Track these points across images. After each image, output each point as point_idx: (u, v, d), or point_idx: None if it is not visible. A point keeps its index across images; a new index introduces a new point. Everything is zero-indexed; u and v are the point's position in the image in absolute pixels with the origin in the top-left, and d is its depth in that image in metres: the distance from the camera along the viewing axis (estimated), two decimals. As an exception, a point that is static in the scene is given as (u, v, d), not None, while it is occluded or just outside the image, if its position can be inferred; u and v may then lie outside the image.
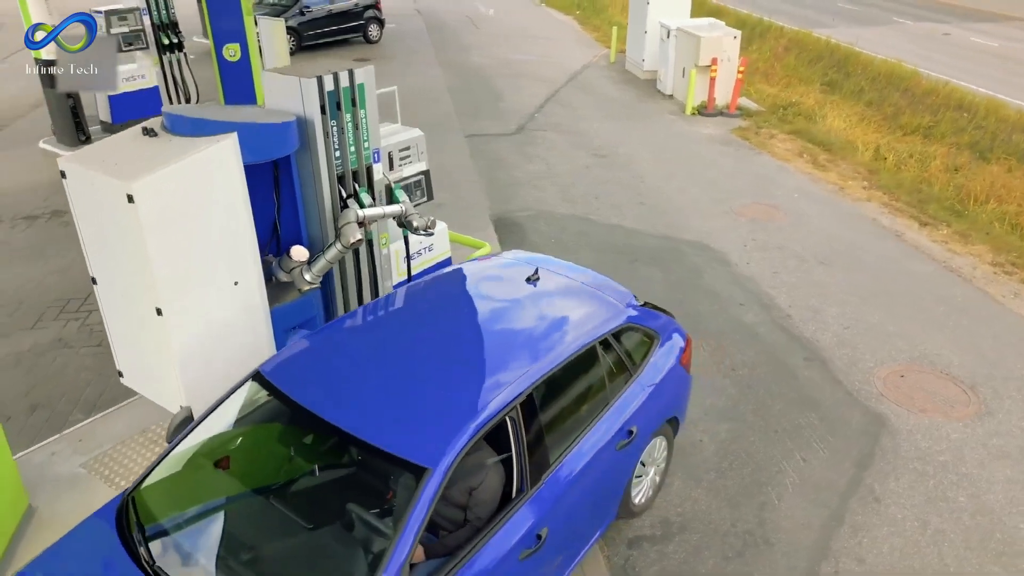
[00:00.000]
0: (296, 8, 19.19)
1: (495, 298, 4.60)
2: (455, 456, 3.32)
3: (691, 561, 4.61)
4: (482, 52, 19.80)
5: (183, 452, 3.73)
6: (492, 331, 4.27)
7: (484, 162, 11.53)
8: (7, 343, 6.88)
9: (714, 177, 10.87)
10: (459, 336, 4.21)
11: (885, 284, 7.89)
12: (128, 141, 4.89)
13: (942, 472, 5.34)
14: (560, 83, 16.49)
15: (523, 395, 3.70)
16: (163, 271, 4.54)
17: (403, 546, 3.09)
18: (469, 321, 4.39)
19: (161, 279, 4.56)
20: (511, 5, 28.94)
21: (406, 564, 3.08)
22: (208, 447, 3.75)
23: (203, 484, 3.65)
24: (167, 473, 3.67)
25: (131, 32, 11.84)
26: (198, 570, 3.25)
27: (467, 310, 4.52)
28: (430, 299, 4.68)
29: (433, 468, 3.26)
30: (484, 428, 3.48)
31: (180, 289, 4.67)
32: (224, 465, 3.78)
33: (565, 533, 3.94)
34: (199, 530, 3.48)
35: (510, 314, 4.44)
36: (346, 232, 4.99)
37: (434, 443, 3.35)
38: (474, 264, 5.24)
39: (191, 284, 4.73)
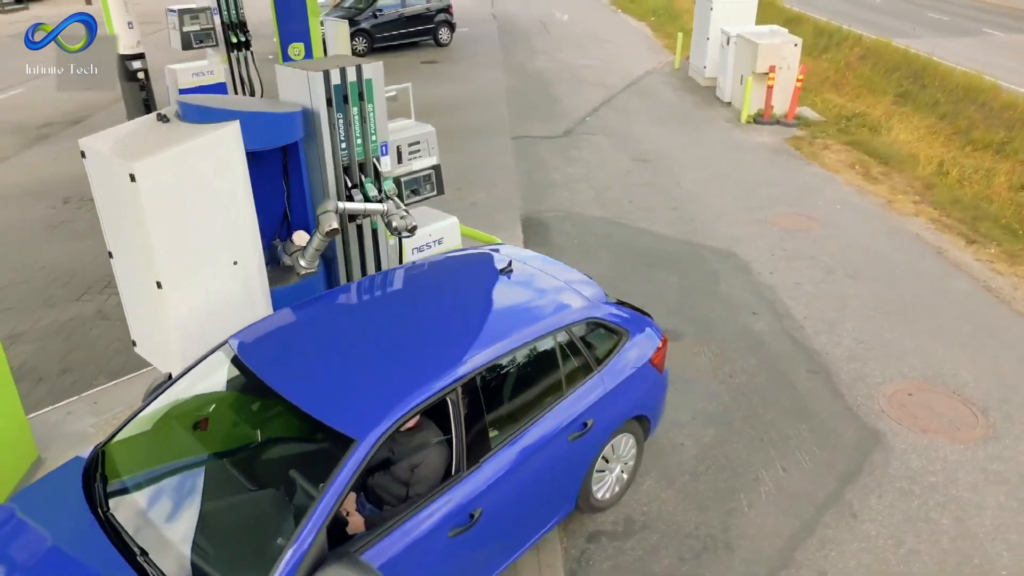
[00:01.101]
0: (370, 11, 19.85)
1: (464, 286, 4.76)
2: (383, 431, 3.48)
3: (646, 559, 4.63)
4: (547, 57, 19.97)
5: (153, 412, 4.03)
6: (450, 317, 4.42)
7: (526, 163, 11.69)
8: (54, 312, 7.47)
9: (755, 185, 10.68)
10: (418, 319, 4.37)
11: (913, 300, 7.62)
12: (143, 125, 5.29)
13: (929, 493, 5.16)
14: (619, 88, 16.48)
15: (464, 379, 3.83)
16: (162, 247, 4.88)
17: (322, 510, 3.26)
18: (431, 306, 4.56)
19: (160, 255, 4.90)
20: (587, 11, 29.03)
21: (323, 528, 3.25)
22: (174, 409, 4.03)
23: (164, 443, 3.93)
24: (136, 431, 3.97)
25: (202, 30, 12.54)
26: (145, 521, 3.51)
27: (433, 296, 4.69)
28: (403, 283, 4.86)
29: (360, 440, 3.42)
30: (417, 407, 3.63)
31: (179, 265, 5.00)
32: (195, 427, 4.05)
33: (506, 517, 4.03)
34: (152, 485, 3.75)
35: (473, 302, 4.59)
36: (322, 221, 5.22)
37: (364, 417, 3.52)
38: (456, 254, 5.40)
39: (190, 261, 5.05)
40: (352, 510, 3.87)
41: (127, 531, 3.45)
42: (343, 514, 3.82)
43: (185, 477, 3.76)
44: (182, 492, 3.69)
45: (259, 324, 4.34)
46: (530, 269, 4.97)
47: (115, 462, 3.84)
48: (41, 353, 6.75)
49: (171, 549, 3.36)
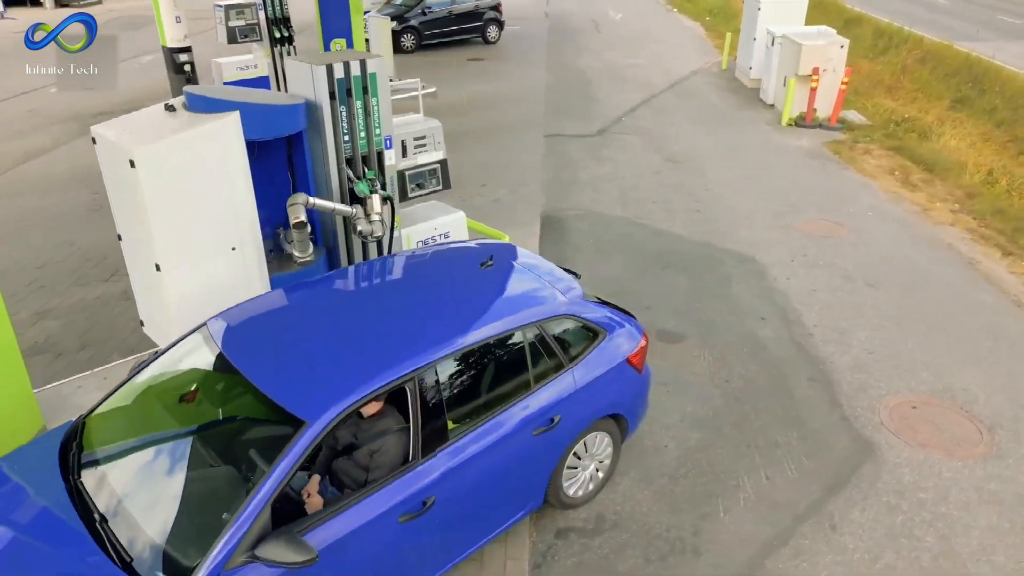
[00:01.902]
0: (419, 8, 20.10)
1: (441, 279, 4.83)
2: (334, 415, 3.58)
3: (611, 558, 4.62)
4: (593, 56, 19.89)
5: (131, 388, 4.22)
6: (420, 308, 4.49)
7: (554, 161, 11.69)
8: (83, 291, 7.84)
9: (785, 189, 10.46)
10: (388, 309, 4.46)
11: (934, 311, 7.36)
12: (151, 114, 5.52)
13: (916, 509, 5.00)
14: (661, 88, 16.32)
15: (422, 369, 3.90)
16: (160, 231, 5.10)
17: (267, 488, 3.38)
18: (404, 297, 4.65)
19: (158, 238, 5.12)
20: (641, 11, 28.78)
21: (267, 506, 3.36)
22: (150, 385, 4.21)
23: (137, 418, 4.11)
24: (114, 405, 4.17)
25: (246, 25, 12.94)
26: (109, 490, 3.69)
27: (409, 287, 4.78)
28: (383, 274, 4.96)
29: (310, 422, 3.53)
30: (370, 395, 3.73)
31: (177, 249, 5.21)
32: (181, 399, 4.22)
33: (464, 507, 4.09)
34: (121, 456, 3.93)
35: (446, 294, 4.65)
36: (290, 213, 5.33)
37: (317, 401, 3.62)
38: (443, 247, 5.47)
39: (188, 245, 5.26)
40: (314, 492, 3.98)
41: (92, 498, 3.63)
42: (304, 496, 3.94)
43: (152, 451, 3.92)
44: (147, 465, 3.85)
45: (239, 307, 4.49)
46: (511, 265, 5.01)
47: (91, 433, 4.04)
48: (65, 329, 7.09)
49: (128, 518, 3.52)
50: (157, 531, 3.44)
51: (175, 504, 3.59)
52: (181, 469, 3.78)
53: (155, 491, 3.69)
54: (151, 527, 3.47)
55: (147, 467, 3.85)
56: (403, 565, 3.91)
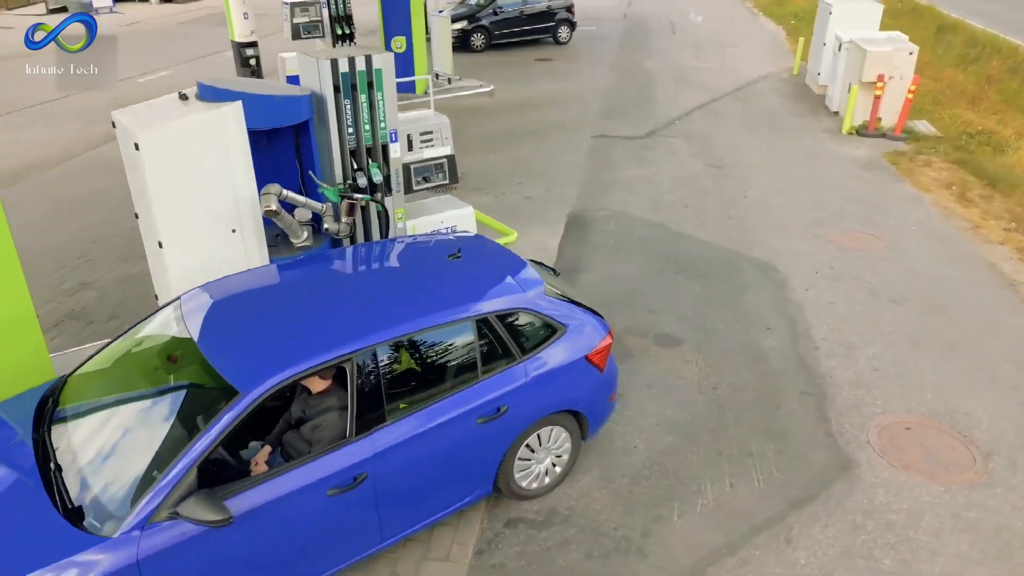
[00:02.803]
0: (490, 8, 20.38)
1: (406, 267, 5.01)
2: (266, 388, 3.80)
3: (553, 551, 4.67)
4: (662, 58, 19.69)
5: (110, 352, 4.58)
6: (376, 293, 4.68)
7: (596, 162, 11.70)
8: (125, 266, 8.42)
9: (828, 199, 10.13)
10: (345, 293, 4.68)
11: (957, 332, 7.02)
12: (166, 102, 5.91)
13: (882, 530, 4.83)
14: (723, 92, 16.01)
15: (361, 351, 4.08)
16: (162, 211, 5.47)
17: (193, 452, 3.63)
18: (366, 282, 4.86)
19: (160, 217, 5.49)
20: (725, 13, 28.23)
21: (193, 468, 3.60)
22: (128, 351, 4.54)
23: (109, 380, 4.44)
24: (93, 368, 4.53)
25: (310, 22, 13.49)
26: (71, 443, 4.02)
27: (374, 273, 4.97)
28: (355, 259, 5.18)
29: (243, 393, 3.76)
30: (305, 372, 3.93)
31: (178, 229, 5.57)
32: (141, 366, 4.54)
33: (399, 487, 4.24)
34: (89, 414, 4.27)
35: (405, 282, 4.83)
36: (262, 201, 5.56)
37: (252, 373, 3.86)
38: (421, 238, 5.63)
39: (188, 225, 5.61)
40: (261, 462, 4.23)
41: (53, 449, 3.98)
42: (252, 465, 4.18)
43: (112, 410, 4.24)
44: (105, 422, 4.17)
45: (214, 283, 4.78)
46: (479, 258, 5.12)
47: (68, 391, 4.40)
48: (100, 300, 7.65)
49: (79, 470, 3.84)
50: (100, 484, 3.75)
51: (121, 460, 3.88)
52: (133, 428, 4.08)
53: (107, 447, 3.99)
54: (96, 480, 3.78)
55: (105, 424, 4.16)
56: (332, 537, 4.09)
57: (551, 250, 8.60)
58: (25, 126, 13.57)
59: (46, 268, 8.31)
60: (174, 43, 22.06)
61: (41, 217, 9.70)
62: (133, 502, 3.56)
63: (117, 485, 3.71)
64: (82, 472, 3.82)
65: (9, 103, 15.30)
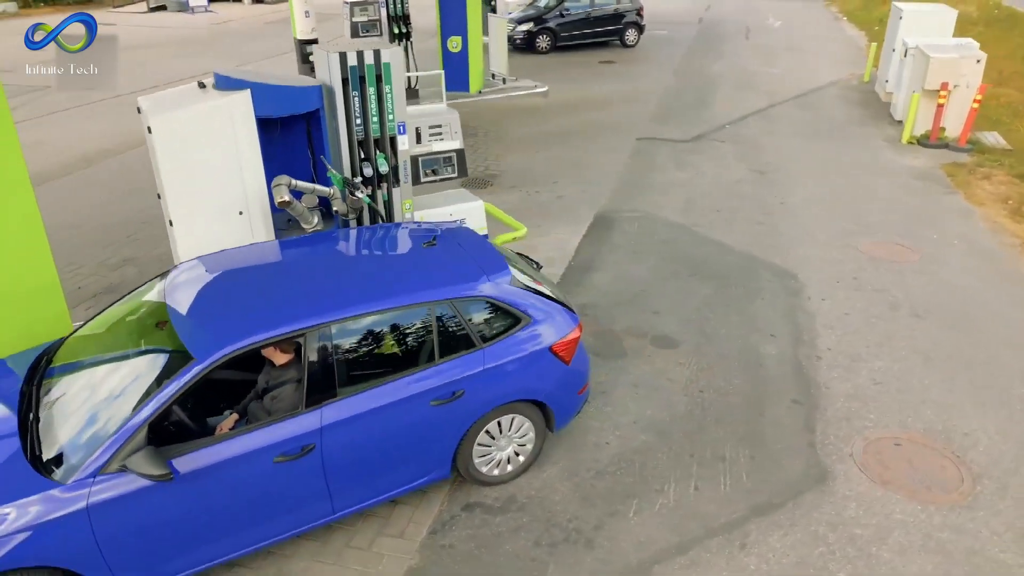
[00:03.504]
0: (557, 10, 20.47)
1: (381, 252, 5.19)
2: (218, 357, 4.04)
3: (503, 537, 4.76)
4: (728, 62, 19.33)
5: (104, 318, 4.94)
6: (344, 274, 4.91)
7: (636, 164, 11.65)
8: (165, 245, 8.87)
9: (870, 209, 9.79)
10: (317, 273, 4.90)
11: (975, 350, 6.69)
12: (185, 90, 6.31)
13: (844, 544, 4.70)
14: (785, 98, 15.63)
15: (316, 328, 4.28)
16: (172, 191, 5.86)
17: (147, 408, 3.90)
18: (338, 264, 5.08)
19: (171, 197, 5.89)
20: (806, 18, 27.42)
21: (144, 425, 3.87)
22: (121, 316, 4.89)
23: (97, 341, 4.80)
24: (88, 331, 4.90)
25: (368, 21, 13.95)
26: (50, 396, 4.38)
27: (349, 256, 5.19)
28: (338, 242, 5.42)
29: (198, 360, 4.02)
30: (256, 344, 4.16)
31: (187, 208, 5.96)
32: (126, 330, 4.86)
33: (348, 461, 4.41)
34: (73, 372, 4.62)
35: (374, 265, 5.02)
36: (275, 193, 5.83)
37: (207, 342, 4.12)
38: (407, 225, 5.81)
39: (197, 206, 5.99)
40: (226, 428, 4.48)
41: (36, 401, 4.34)
42: (218, 431, 4.44)
43: (92, 369, 4.57)
44: (83, 379, 4.50)
45: (203, 257, 5.08)
46: (454, 247, 5.25)
47: (63, 349, 4.78)
48: (139, 274, 8.16)
49: (52, 421, 4.19)
50: (67, 435, 4.07)
51: (88, 415, 4.19)
52: (105, 387, 4.38)
53: (80, 402, 4.31)
54: (64, 431, 4.11)
55: (82, 382, 4.48)
56: (279, 503, 4.30)
57: (569, 249, 8.66)
58: (101, 115, 14.51)
59: (97, 244, 8.93)
60: (254, 42, 23.10)
61: (103, 199, 10.42)
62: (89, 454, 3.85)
63: (81, 438, 4.02)
64: (54, 424, 4.17)
65: (88, 94, 16.39)
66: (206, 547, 4.20)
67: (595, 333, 6.95)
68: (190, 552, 4.16)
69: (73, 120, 14.45)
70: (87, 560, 3.84)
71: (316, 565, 4.59)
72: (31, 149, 12.75)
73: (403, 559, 4.62)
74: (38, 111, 15.00)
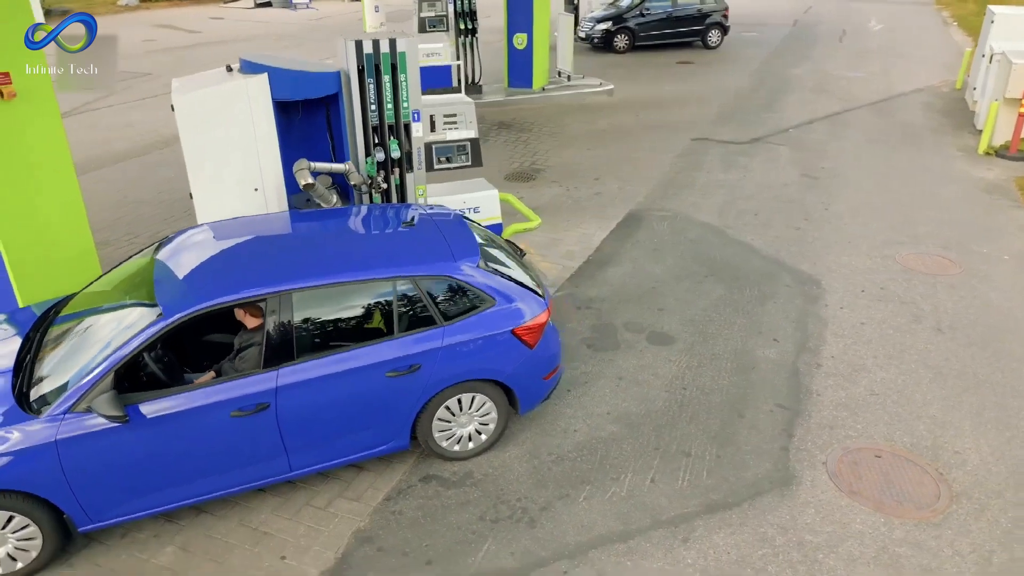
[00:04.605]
0: (637, 10, 20.34)
1: (364, 229, 5.50)
2: (182, 314, 4.39)
3: (452, 508, 4.93)
4: (812, 65, 18.69)
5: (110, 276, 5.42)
6: (322, 246, 5.24)
7: (683, 164, 11.52)
8: (217, 222, 9.55)
9: (920, 219, 9.33)
10: (295, 245, 5.23)
11: (994, 371, 6.33)
12: (214, 73, 6.76)
13: (790, 548, 4.60)
14: (862, 103, 15.01)
15: (277, 294, 4.58)
16: (193, 165, 6.32)
17: (110, 360, 4.29)
18: (317, 238, 5.37)
19: (191, 171, 6.34)
20: (912, 22, 26.09)
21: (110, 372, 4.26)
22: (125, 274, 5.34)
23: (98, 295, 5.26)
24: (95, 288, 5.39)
25: (436, 16, 14.34)
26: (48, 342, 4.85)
27: (330, 231, 5.51)
28: (327, 219, 5.75)
29: (164, 316, 4.39)
30: (217, 305, 4.49)
31: (206, 183, 6.40)
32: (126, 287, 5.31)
33: (302, 422, 4.67)
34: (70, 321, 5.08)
35: (353, 240, 5.33)
36: (297, 176, 6.16)
37: (174, 300, 4.49)
38: (394, 206, 6.06)
39: (215, 181, 6.43)
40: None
41: (36, 346, 4.84)
42: (194, 386, 4.81)
43: (87, 319, 5.01)
44: (78, 328, 4.95)
45: (214, 224, 5.52)
46: (431, 229, 5.45)
47: (70, 303, 5.28)
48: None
49: (43, 364, 4.65)
50: (50, 377, 4.52)
51: (73, 360, 4.62)
52: (92, 336, 4.80)
53: (70, 348, 4.76)
54: (49, 373, 4.55)
55: (76, 330, 4.93)
56: (235, 456, 4.61)
57: (592, 244, 8.71)
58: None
59: (156, 218, 9.68)
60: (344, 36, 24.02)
61: (171, 177, 11.20)
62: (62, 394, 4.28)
63: (60, 380, 4.45)
64: (43, 366, 4.63)
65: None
66: (168, 489, 4.57)
67: (594, 326, 6.99)
68: (153, 492, 4.54)
69: (162, 105, 15.51)
70: (56, 489, 4.26)
71: (274, 518, 4.89)
72: (120, 130, 13.91)
73: (354, 521, 4.86)
74: (133, 96, 16.23)
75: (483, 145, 12.58)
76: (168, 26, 26.59)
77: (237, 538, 4.75)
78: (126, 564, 4.58)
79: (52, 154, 6.08)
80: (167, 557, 4.61)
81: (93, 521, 4.45)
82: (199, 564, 4.57)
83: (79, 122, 14.16)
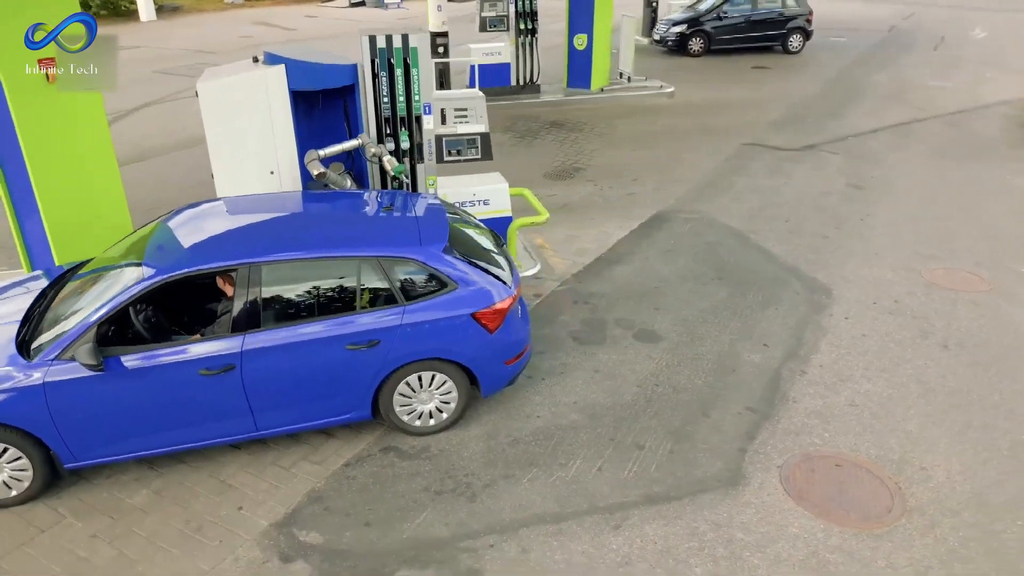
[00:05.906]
0: (714, 13, 20.05)
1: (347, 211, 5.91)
2: (162, 277, 4.86)
3: (402, 478, 5.20)
4: (895, 73, 17.93)
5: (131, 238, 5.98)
6: (304, 225, 5.67)
7: (726, 168, 11.40)
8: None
9: (961, 234, 8.94)
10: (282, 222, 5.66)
11: (991, 392, 6.06)
12: (240, 64, 7.28)
13: (717, 544, 4.63)
14: (936, 113, 14.35)
15: (245, 264, 4.98)
16: (214, 148, 6.85)
17: (100, 310, 4.80)
18: (302, 218, 5.81)
19: (212, 154, 6.88)
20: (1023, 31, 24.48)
21: (94, 326, 4.76)
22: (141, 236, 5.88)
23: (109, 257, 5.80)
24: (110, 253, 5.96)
25: (496, 16, 14.65)
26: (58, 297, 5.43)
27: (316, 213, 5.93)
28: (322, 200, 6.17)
29: (146, 277, 4.87)
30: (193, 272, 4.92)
31: (225, 165, 6.92)
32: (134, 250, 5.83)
33: (266, 385, 5.04)
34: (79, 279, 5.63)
35: (333, 221, 5.71)
36: (309, 168, 6.57)
37: (160, 264, 4.95)
38: (386, 192, 6.38)
39: (234, 163, 6.94)
40: (191, 343, 5.31)
41: (49, 300, 5.43)
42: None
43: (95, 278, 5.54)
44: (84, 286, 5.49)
45: (228, 198, 6.03)
46: (407, 214, 5.75)
47: (92, 262, 5.85)
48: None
49: (47, 315, 5.22)
50: (49, 327, 5.07)
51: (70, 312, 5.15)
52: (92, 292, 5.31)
53: (71, 302, 5.30)
54: (49, 324, 5.11)
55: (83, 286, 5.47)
56: (204, 411, 5.03)
57: (608, 242, 8.82)
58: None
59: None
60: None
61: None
62: (51, 342, 4.81)
63: (56, 330, 4.99)
64: (46, 317, 5.20)
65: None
66: (144, 437, 5.05)
67: (585, 320, 7.12)
68: (129, 438, 5.02)
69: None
70: (44, 428, 4.80)
71: (241, 473, 5.30)
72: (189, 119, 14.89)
73: (311, 481, 5.21)
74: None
75: (532, 143, 12.90)
76: (265, 23, 28.08)
77: (205, 488, 5.18)
78: (105, 502, 5.08)
79: (92, 132, 6.73)
80: (141, 498, 5.09)
81: (77, 459, 4.97)
82: (166, 507, 5.02)
83: (159, 111, 15.25)
